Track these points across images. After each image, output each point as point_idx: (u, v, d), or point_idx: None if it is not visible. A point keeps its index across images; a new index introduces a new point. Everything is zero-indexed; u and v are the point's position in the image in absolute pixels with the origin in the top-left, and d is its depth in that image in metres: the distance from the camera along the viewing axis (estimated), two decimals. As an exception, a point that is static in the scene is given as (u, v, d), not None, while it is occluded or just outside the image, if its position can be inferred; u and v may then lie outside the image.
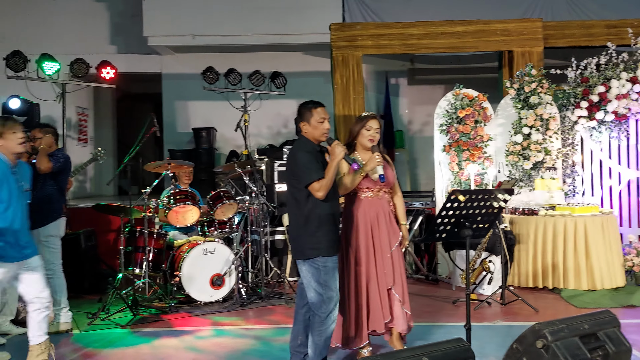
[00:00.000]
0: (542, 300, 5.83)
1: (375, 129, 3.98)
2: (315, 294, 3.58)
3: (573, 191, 7.14)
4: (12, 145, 3.73)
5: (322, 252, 3.57)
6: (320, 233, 3.57)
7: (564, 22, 8.62)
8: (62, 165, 4.99)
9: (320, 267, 3.56)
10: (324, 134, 3.69)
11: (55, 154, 5.02)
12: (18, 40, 10.20)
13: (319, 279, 3.57)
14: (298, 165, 3.59)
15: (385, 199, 4.00)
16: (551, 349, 2.26)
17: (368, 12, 9.84)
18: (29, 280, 3.84)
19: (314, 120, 3.67)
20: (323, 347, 3.65)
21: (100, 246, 7.11)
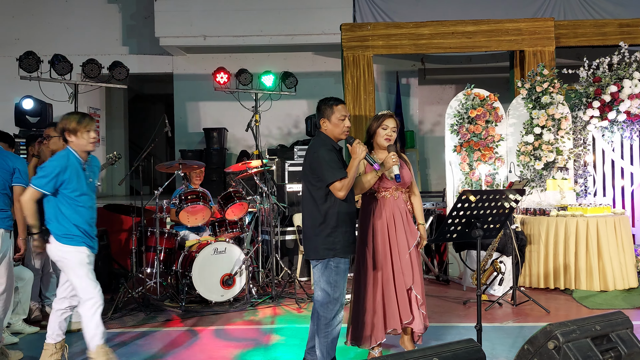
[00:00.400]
0: (553, 301, 5.80)
1: (392, 128, 3.93)
2: (323, 293, 3.58)
3: (585, 191, 7.09)
4: (84, 143, 3.73)
5: (338, 253, 3.56)
6: (337, 233, 3.56)
7: (577, 21, 8.56)
8: None
9: (333, 267, 3.56)
10: (344, 132, 3.66)
11: None
12: (31, 41, 10.32)
13: (330, 279, 3.57)
14: (320, 163, 3.53)
15: (401, 199, 3.97)
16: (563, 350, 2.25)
17: (379, 12, 9.84)
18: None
19: (335, 118, 3.63)
20: (330, 347, 3.65)
21: (112, 246, 7.16)
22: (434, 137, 11.51)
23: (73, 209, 3.68)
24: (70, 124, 3.68)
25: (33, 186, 3.64)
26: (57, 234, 3.68)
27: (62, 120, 3.74)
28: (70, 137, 3.71)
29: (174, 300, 5.86)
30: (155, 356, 4.33)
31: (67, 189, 3.66)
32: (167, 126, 6.07)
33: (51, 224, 3.69)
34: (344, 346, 4.36)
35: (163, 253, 5.96)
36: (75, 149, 3.74)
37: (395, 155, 3.76)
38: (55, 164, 3.66)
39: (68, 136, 3.71)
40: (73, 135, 3.70)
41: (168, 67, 11.25)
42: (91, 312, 3.65)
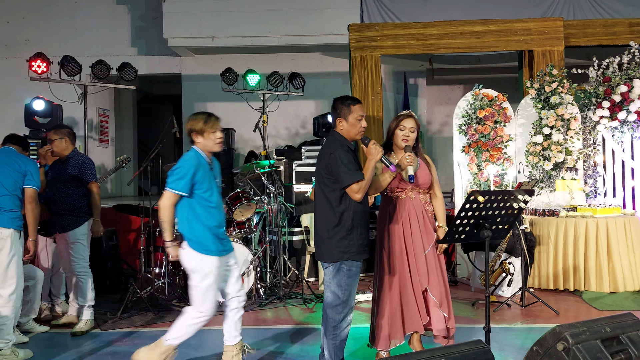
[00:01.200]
0: (563, 303, 5.77)
1: (410, 128, 3.89)
2: (333, 296, 3.56)
3: (594, 192, 7.04)
4: (211, 144, 3.71)
5: (353, 255, 3.54)
6: (352, 236, 3.53)
7: (586, 20, 8.51)
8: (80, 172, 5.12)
9: (346, 270, 3.54)
10: (360, 132, 3.63)
11: (70, 158, 5.10)
12: (41, 42, 10.38)
13: (341, 282, 3.54)
14: (337, 164, 3.48)
15: (419, 200, 3.93)
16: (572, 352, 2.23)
17: (387, 13, 9.82)
18: (231, 277, 3.87)
19: (352, 118, 3.59)
20: (338, 349, 3.63)
21: (121, 246, 7.19)
22: (442, 138, 11.48)
23: (206, 209, 3.65)
24: (197, 124, 3.66)
25: (171, 190, 3.60)
26: (190, 239, 3.66)
27: (189, 121, 3.72)
28: (197, 138, 3.68)
29: (182, 300, 5.87)
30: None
31: (200, 189, 3.63)
32: (175, 127, 6.10)
33: (184, 228, 3.67)
34: (353, 345, 4.37)
35: (171, 253, 5.98)
36: (202, 149, 3.72)
37: (410, 156, 3.74)
38: (189, 165, 3.62)
39: (195, 137, 3.68)
40: (200, 135, 3.67)
41: (176, 68, 11.29)
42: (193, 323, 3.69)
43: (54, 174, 5.14)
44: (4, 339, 4.16)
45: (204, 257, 3.64)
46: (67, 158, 5.11)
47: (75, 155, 5.16)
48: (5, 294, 4.14)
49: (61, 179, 5.06)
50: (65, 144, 5.12)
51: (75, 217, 5.03)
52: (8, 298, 4.15)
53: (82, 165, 5.12)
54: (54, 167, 5.21)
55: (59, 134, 5.13)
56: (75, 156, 5.16)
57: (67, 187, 5.05)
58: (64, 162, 5.11)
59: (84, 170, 5.12)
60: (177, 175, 3.60)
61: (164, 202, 3.64)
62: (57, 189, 5.08)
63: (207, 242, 3.65)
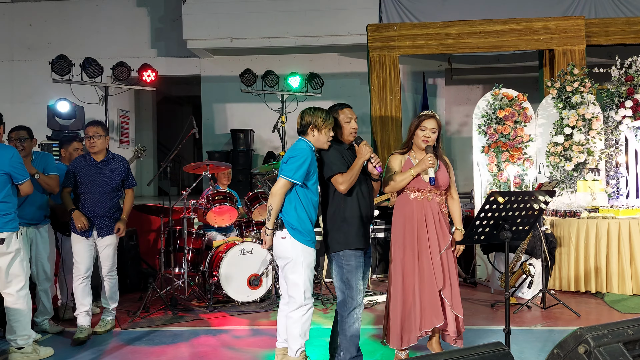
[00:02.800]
0: (584, 305, 5.70)
1: (431, 129, 3.90)
2: (339, 292, 3.68)
3: (617, 193, 6.94)
4: (324, 141, 3.72)
5: (345, 245, 3.64)
6: (345, 227, 3.65)
7: (608, 19, 8.39)
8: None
9: (344, 264, 3.63)
10: (351, 133, 3.80)
11: (111, 158, 4.98)
12: (63, 45, 10.56)
13: (342, 277, 3.65)
14: (322, 160, 3.72)
15: (435, 201, 3.93)
16: (594, 354, 2.20)
17: (405, 13, 9.80)
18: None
19: (341, 120, 3.79)
20: (349, 345, 3.67)
21: (141, 246, 7.26)
22: (461, 138, 11.42)
23: (310, 200, 3.66)
24: (318, 120, 3.70)
25: (287, 178, 3.58)
26: (296, 228, 3.61)
27: (308, 114, 3.75)
28: (313, 132, 3.70)
29: (201, 300, 5.92)
30: (183, 355, 4.38)
31: (310, 180, 3.66)
32: (195, 127, 6.14)
33: (292, 218, 3.63)
34: (371, 346, 4.36)
35: (191, 253, 6.03)
36: (314, 144, 3.72)
37: (432, 158, 3.77)
38: (306, 154, 3.61)
39: (312, 130, 3.70)
40: (317, 131, 3.70)
41: (195, 69, 11.39)
42: (304, 317, 3.64)
43: (94, 174, 4.82)
44: (22, 335, 4.19)
45: (307, 248, 3.63)
46: (108, 158, 4.92)
47: (116, 157, 5.01)
48: (13, 291, 4.15)
49: (107, 180, 4.85)
50: (107, 143, 4.97)
51: (116, 219, 4.93)
52: (17, 295, 4.16)
53: (128, 169, 5.04)
54: (89, 166, 4.86)
55: (104, 131, 4.92)
56: (117, 157, 5.00)
57: (112, 189, 4.88)
58: (105, 162, 4.89)
59: (130, 174, 5.07)
60: (295, 164, 3.57)
61: (277, 190, 3.62)
62: (99, 190, 4.82)
63: (311, 233, 3.67)
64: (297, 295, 3.61)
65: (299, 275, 3.60)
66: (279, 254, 3.69)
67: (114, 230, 4.89)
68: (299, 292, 3.60)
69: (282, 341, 3.87)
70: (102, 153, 4.89)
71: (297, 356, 3.66)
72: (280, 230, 3.63)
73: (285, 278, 3.69)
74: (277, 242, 3.66)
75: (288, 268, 3.64)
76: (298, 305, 3.61)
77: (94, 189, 4.81)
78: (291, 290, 3.64)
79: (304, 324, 3.64)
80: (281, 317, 3.86)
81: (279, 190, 3.61)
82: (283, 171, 3.61)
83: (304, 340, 3.67)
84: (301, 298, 3.60)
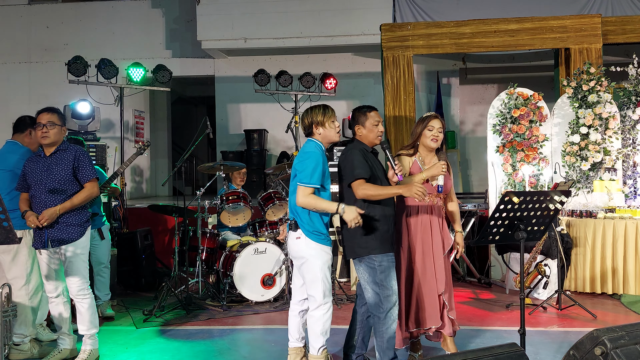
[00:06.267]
0: (600, 306, 5.64)
1: (438, 129, 3.91)
2: (373, 294, 3.59)
3: (634, 193, 6.86)
4: (332, 134, 3.72)
5: (373, 250, 3.57)
6: (371, 231, 3.59)
7: (625, 17, 8.29)
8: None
9: (376, 266, 3.57)
10: (378, 137, 3.77)
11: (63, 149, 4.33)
12: (79, 46, 10.67)
13: (376, 278, 3.57)
14: (347, 162, 3.67)
15: (439, 205, 3.94)
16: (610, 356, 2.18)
17: (419, 12, 9.76)
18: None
19: (369, 124, 3.75)
20: (387, 348, 3.62)
21: (156, 245, 7.32)
22: (476, 138, 11.35)
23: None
24: (317, 116, 3.69)
25: (306, 185, 3.52)
26: (307, 229, 3.59)
27: (307, 115, 3.73)
28: (318, 129, 3.70)
29: (215, 299, 5.95)
30: (197, 354, 4.40)
31: (325, 181, 3.66)
32: (209, 128, 6.18)
33: (303, 218, 3.60)
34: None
35: (205, 253, 6.07)
36: (322, 140, 3.72)
37: (445, 165, 3.77)
38: (317, 156, 3.59)
39: (315, 128, 3.70)
40: (321, 127, 3.69)
41: (210, 70, 11.45)
42: (326, 315, 3.62)
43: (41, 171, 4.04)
44: (18, 333, 4.22)
45: (323, 246, 3.61)
46: (58, 150, 4.11)
47: (69, 148, 4.15)
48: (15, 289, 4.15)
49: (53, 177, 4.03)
50: (63, 134, 4.17)
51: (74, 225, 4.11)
52: (16, 294, 4.17)
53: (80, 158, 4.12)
54: (37, 163, 4.08)
55: (60, 120, 4.12)
56: (69, 148, 4.14)
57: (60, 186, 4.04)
58: (53, 155, 4.08)
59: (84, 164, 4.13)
60: (309, 168, 3.55)
61: (303, 200, 3.53)
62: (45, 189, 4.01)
63: (322, 232, 3.63)
64: (316, 294, 3.59)
65: (316, 274, 3.58)
66: (294, 254, 3.68)
67: (39, 219, 3.91)
68: (318, 290, 3.58)
69: (294, 341, 3.86)
70: (54, 146, 4.07)
71: (319, 354, 3.66)
72: (295, 230, 3.63)
73: (303, 278, 3.68)
74: (292, 242, 3.65)
75: (305, 268, 3.62)
76: (318, 304, 3.59)
77: (40, 190, 4.00)
78: (310, 289, 3.62)
79: (325, 322, 3.62)
80: (292, 317, 3.85)
81: (305, 198, 3.53)
82: (300, 179, 3.57)
83: (325, 338, 3.65)
84: (321, 296, 3.58)
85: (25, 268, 4.27)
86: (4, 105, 11.01)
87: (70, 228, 4.02)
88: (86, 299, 4.10)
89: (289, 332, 3.88)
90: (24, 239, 4.22)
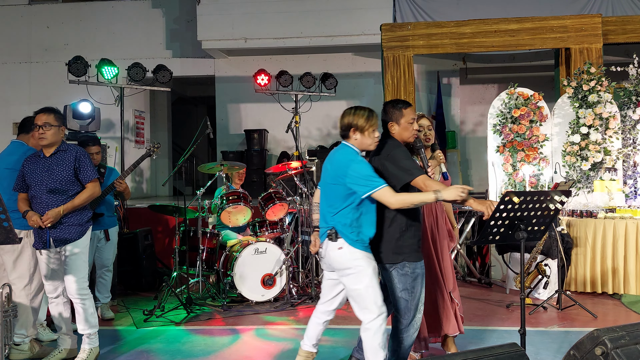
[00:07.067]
0: (601, 306, 5.63)
1: (427, 127, 3.93)
2: (402, 301, 3.42)
3: (634, 193, 6.86)
4: (369, 142, 3.39)
5: (408, 257, 3.40)
6: (404, 237, 3.41)
7: (626, 17, 8.29)
8: None
9: (409, 273, 3.40)
10: (413, 135, 3.56)
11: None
12: (80, 46, 10.67)
13: (407, 286, 3.41)
14: (396, 160, 3.36)
15: (440, 202, 3.89)
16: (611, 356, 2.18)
17: (419, 12, 9.75)
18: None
19: (404, 121, 3.51)
20: (405, 354, 3.51)
21: (156, 245, 7.32)
22: (476, 138, 11.34)
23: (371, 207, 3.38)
24: (360, 120, 3.37)
25: (383, 185, 3.20)
26: (352, 238, 3.29)
27: (348, 115, 3.41)
28: (355, 134, 3.37)
29: (216, 299, 5.95)
30: (197, 354, 4.40)
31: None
32: (209, 128, 6.17)
33: (345, 226, 3.30)
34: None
35: (205, 252, 6.06)
36: (357, 147, 3.40)
37: (441, 153, 3.79)
38: (360, 157, 3.33)
39: (353, 133, 3.38)
40: (359, 132, 3.37)
41: (210, 70, 11.44)
42: (383, 326, 3.31)
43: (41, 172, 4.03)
44: (19, 333, 4.22)
45: (369, 254, 3.34)
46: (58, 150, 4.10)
47: (70, 148, 4.14)
48: (17, 289, 4.16)
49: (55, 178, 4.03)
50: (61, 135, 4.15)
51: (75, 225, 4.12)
52: (18, 294, 4.17)
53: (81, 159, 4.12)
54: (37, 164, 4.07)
55: (58, 120, 4.09)
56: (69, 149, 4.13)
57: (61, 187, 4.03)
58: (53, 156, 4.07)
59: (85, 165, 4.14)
60: (369, 169, 3.26)
61: (395, 199, 3.21)
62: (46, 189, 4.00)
63: (366, 240, 3.36)
64: (370, 304, 3.28)
65: (366, 284, 3.27)
66: (336, 266, 3.35)
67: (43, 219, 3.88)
68: (371, 301, 3.28)
69: (310, 345, 3.65)
70: (54, 147, 4.06)
71: None
72: (335, 240, 3.32)
73: (349, 290, 3.36)
74: (334, 253, 3.32)
75: (352, 279, 3.31)
76: (376, 315, 3.28)
77: (41, 191, 3.98)
78: (362, 301, 3.30)
79: (383, 334, 3.31)
80: (316, 324, 3.64)
81: (396, 198, 3.21)
82: (368, 184, 3.21)
83: (385, 353, 3.32)
84: (376, 306, 3.28)
85: (29, 268, 4.26)
86: (4, 106, 11.01)
87: (72, 228, 4.01)
88: (85, 299, 4.06)
89: (308, 334, 3.66)
90: (27, 239, 4.23)
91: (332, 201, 3.37)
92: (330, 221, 3.36)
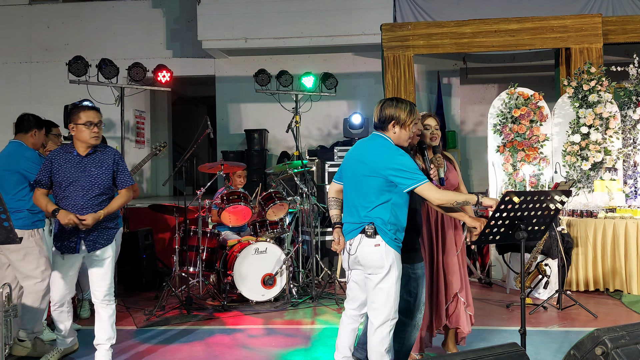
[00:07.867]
0: (601, 306, 5.63)
1: (434, 126, 3.90)
2: (403, 301, 3.42)
3: (635, 193, 6.86)
4: (406, 137, 3.28)
5: (407, 258, 3.38)
6: (410, 240, 3.40)
7: (626, 16, 8.29)
8: None
9: (411, 274, 3.42)
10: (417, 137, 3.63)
11: None
12: (80, 46, 10.67)
13: (409, 287, 3.43)
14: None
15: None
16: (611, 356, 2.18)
17: (419, 12, 9.75)
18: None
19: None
20: (406, 354, 3.53)
21: (157, 245, 7.32)
22: (476, 138, 11.34)
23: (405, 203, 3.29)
24: (402, 113, 3.21)
25: (425, 180, 3.12)
26: (390, 237, 3.17)
27: (389, 107, 3.24)
28: (395, 128, 3.23)
29: (216, 299, 5.95)
30: (198, 354, 4.41)
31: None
32: (210, 128, 6.17)
33: (386, 223, 3.18)
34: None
35: (205, 252, 6.06)
36: (394, 140, 3.25)
37: (440, 158, 3.77)
38: (399, 149, 3.21)
39: (393, 126, 3.23)
40: (399, 127, 3.23)
41: (210, 70, 11.44)
42: (392, 332, 3.25)
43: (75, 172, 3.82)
44: (27, 328, 4.23)
45: (400, 256, 3.25)
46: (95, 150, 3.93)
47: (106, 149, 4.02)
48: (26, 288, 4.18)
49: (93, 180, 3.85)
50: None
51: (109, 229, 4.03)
52: (30, 289, 4.19)
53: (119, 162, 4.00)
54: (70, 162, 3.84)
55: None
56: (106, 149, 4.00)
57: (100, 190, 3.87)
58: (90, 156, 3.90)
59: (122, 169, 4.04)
60: (412, 163, 3.15)
61: (439, 195, 3.16)
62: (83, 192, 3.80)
63: (401, 241, 3.26)
64: (388, 306, 3.20)
65: (392, 286, 3.19)
66: (368, 263, 3.20)
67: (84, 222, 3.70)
68: (390, 304, 3.19)
69: (345, 357, 3.46)
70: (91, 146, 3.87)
71: None
72: (373, 237, 3.16)
73: (374, 288, 3.21)
74: (369, 250, 3.18)
75: (379, 278, 3.18)
76: (389, 318, 3.21)
77: (75, 191, 3.76)
78: (382, 300, 3.20)
79: (391, 339, 3.26)
80: (347, 331, 3.46)
81: (440, 194, 3.15)
82: (412, 177, 3.11)
83: (390, 357, 3.27)
84: (392, 310, 3.21)
85: (37, 266, 4.23)
86: (5, 105, 11.00)
87: (104, 232, 3.86)
88: (110, 305, 3.91)
89: (341, 344, 3.47)
90: (33, 238, 4.23)
91: (366, 195, 3.21)
92: (365, 217, 3.20)
